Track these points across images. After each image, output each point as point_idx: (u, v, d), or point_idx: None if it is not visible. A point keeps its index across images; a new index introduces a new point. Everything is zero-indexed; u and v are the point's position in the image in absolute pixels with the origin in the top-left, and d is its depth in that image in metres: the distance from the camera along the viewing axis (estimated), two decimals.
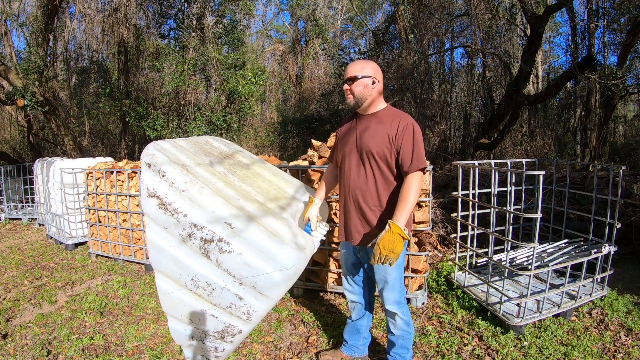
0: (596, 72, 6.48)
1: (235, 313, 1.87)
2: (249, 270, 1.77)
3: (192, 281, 1.88)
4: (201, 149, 2.27)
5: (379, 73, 2.03)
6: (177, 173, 1.83)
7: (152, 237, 1.89)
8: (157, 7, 9.89)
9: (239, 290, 1.82)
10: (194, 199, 1.78)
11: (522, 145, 10.19)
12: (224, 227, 1.76)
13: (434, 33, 8.78)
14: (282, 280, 1.78)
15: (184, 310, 1.97)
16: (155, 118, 9.11)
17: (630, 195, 4.60)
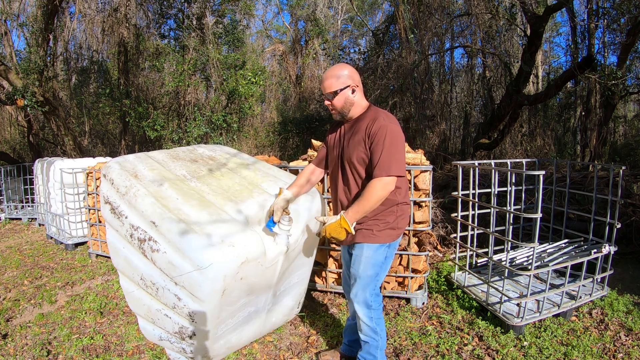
0: (596, 72, 6.48)
1: (180, 314, 1.91)
2: (174, 269, 1.81)
3: (142, 280, 2.00)
4: (174, 157, 2.35)
5: (356, 75, 1.93)
6: (122, 179, 2.01)
7: (109, 239, 2.11)
8: (157, 7, 9.89)
9: (176, 290, 1.87)
10: (131, 201, 1.92)
11: (522, 145, 10.19)
12: (151, 226, 1.85)
13: (434, 33, 8.78)
14: (204, 281, 1.74)
15: (144, 308, 2.10)
16: (155, 118, 9.11)
17: (630, 195, 4.60)
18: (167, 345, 2.16)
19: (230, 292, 1.85)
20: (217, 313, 1.90)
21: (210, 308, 1.85)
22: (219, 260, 1.74)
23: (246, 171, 2.39)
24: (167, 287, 1.89)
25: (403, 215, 1.99)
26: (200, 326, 1.91)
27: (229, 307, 1.96)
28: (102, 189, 2.08)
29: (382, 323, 2.11)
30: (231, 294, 1.87)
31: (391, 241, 1.97)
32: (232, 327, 2.15)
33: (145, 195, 1.92)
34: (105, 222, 2.10)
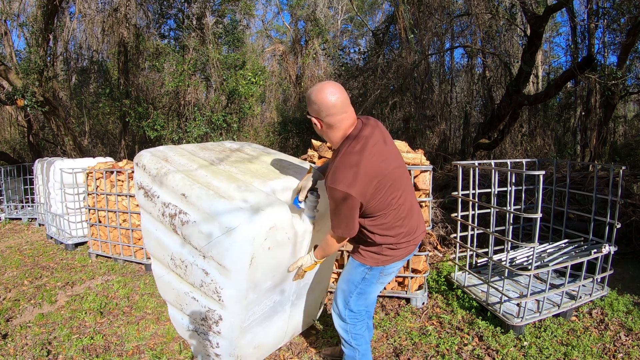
0: (596, 72, 6.48)
1: (207, 293, 1.93)
2: (204, 239, 1.84)
3: (172, 260, 2.06)
4: (203, 147, 2.43)
5: (317, 105, 1.67)
6: (152, 163, 2.09)
7: (143, 223, 2.20)
8: (157, 7, 9.89)
9: (204, 264, 1.89)
10: (162, 181, 2.00)
11: (522, 145, 10.19)
12: (181, 199, 1.92)
13: (434, 33, 8.78)
14: (232, 244, 1.74)
15: (173, 293, 2.15)
16: (155, 118, 9.10)
17: (630, 195, 4.60)
18: (195, 338, 2.17)
19: (257, 264, 1.82)
20: (245, 291, 1.88)
21: (238, 281, 1.83)
22: (247, 222, 1.74)
23: (273, 159, 2.44)
24: (195, 263, 1.93)
25: (390, 248, 1.84)
26: (228, 305, 1.90)
27: (256, 288, 1.95)
28: (135, 178, 2.18)
29: (361, 340, 2.02)
30: (258, 267, 1.84)
31: (374, 265, 1.86)
32: (259, 319, 2.14)
33: (175, 172, 2.00)
34: (140, 209, 2.20)
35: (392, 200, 1.74)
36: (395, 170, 1.76)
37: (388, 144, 1.79)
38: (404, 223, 1.81)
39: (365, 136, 1.70)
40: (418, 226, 1.91)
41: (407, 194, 1.84)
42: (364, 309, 2.02)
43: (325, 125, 1.71)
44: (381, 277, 1.92)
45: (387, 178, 1.71)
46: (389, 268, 1.89)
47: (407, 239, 1.84)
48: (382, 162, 1.70)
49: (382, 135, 1.78)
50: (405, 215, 1.82)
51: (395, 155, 1.81)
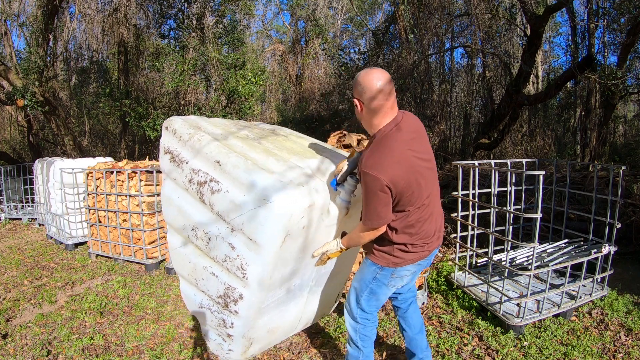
0: (596, 72, 6.48)
1: (231, 269, 1.83)
2: (236, 209, 1.74)
3: (193, 231, 1.96)
4: (235, 123, 2.37)
5: (361, 87, 1.69)
6: (184, 127, 2.02)
7: (165, 190, 2.10)
8: (157, 7, 9.89)
9: (231, 238, 1.80)
10: (194, 146, 1.92)
11: (522, 145, 10.19)
12: (215, 166, 1.83)
13: (434, 33, 8.78)
14: (268, 218, 1.66)
15: (189, 267, 2.04)
16: (155, 118, 9.10)
17: (630, 195, 4.60)
18: (207, 317, 2.06)
19: (289, 243, 1.75)
20: (272, 269, 1.79)
21: (267, 258, 1.74)
22: (287, 196, 1.66)
23: (308, 142, 2.35)
24: (220, 236, 1.83)
25: (402, 250, 1.82)
26: (252, 283, 1.81)
27: (283, 269, 1.86)
28: (162, 142, 2.10)
29: (367, 342, 2.01)
30: (289, 246, 1.77)
31: (385, 265, 1.84)
32: (276, 302, 2.05)
33: (210, 140, 1.91)
34: (163, 175, 2.11)
35: (418, 199, 1.73)
36: (427, 170, 1.75)
37: (423, 142, 1.78)
38: (423, 226, 1.79)
39: (403, 128, 1.71)
40: (435, 232, 1.87)
41: (433, 197, 1.82)
42: (375, 310, 2.00)
43: (365, 109, 1.72)
44: (392, 279, 1.89)
45: (419, 174, 1.70)
46: (401, 271, 1.86)
47: (422, 242, 1.81)
48: (415, 156, 1.70)
49: (419, 131, 1.78)
50: (426, 218, 1.79)
51: (429, 155, 1.79)
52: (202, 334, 2.24)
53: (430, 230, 1.83)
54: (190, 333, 2.95)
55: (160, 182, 4.37)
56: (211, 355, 2.65)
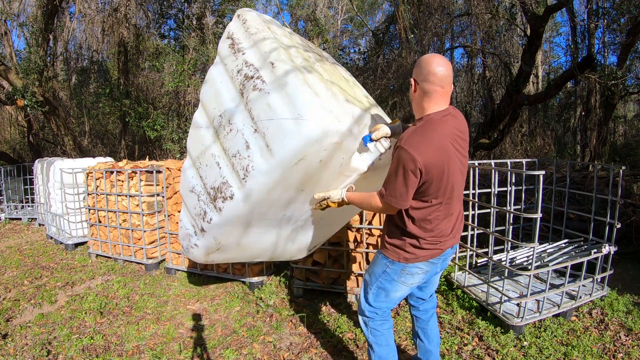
0: (596, 72, 6.48)
1: (236, 166, 1.84)
2: (267, 113, 1.74)
3: (220, 117, 1.97)
4: (307, 44, 2.41)
5: (420, 68, 1.70)
6: (255, 21, 2.04)
7: (212, 72, 2.13)
8: (157, 7, 9.89)
9: (251, 137, 1.80)
10: (257, 41, 1.94)
11: (522, 145, 10.19)
12: (267, 66, 1.82)
13: (434, 33, 8.77)
14: (294, 133, 1.65)
15: (199, 149, 2.08)
16: (155, 118, 9.10)
17: (630, 195, 4.60)
18: (192, 201, 2.07)
19: (300, 169, 1.73)
20: (271, 186, 1.78)
21: (273, 172, 1.74)
22: (322, 121, 1.65)
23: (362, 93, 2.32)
24: (242, 131, 1.83)
25: (414, 245, 1.79)
26: (248, 189, 1.80)
27: (281, 192, 1.85)
28: (229, 27, 2.12)
29: (380, 338, 1.97)
30: (298, 172, 1.75)
31: (395, 259, 1.81)
32: (260, 223, 2.04)
33: (273, 41, 1.91)
34: (217, 58, 2.14)
35: (442, 195, 1.70)
36: (459, 170, 1.74)
37: (464, 144, 1.77)
38: (440, 224, 1.77)
39: (450, 121, 1.70)
40: (451, 233, 1.83)
41: (456, 197, 1.80)
42: (385, 306, 1.95)
43: (418, 90, 1.72)
44: (402, 276, 1.84)
45: (452, 171, 1.68)
46: (412, 267, 1.82)
47: (435, 240, 1.78)
48: (456, 152, 1.69)
49: (464, 132, 1.76)
50: (445, 216, 1.77)
51: (464, 156, 1.76)
52: (179, 239, 2.28)
53: (446, 230, 1.79)
54: (190, 333, 2.95)
55: (160, 183, 4.37)
56: (211, 356, 2.65)
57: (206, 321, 3.13)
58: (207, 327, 3.04)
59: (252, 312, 3.23)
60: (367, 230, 3.15)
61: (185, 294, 3.65)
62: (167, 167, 4.02)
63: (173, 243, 4.15)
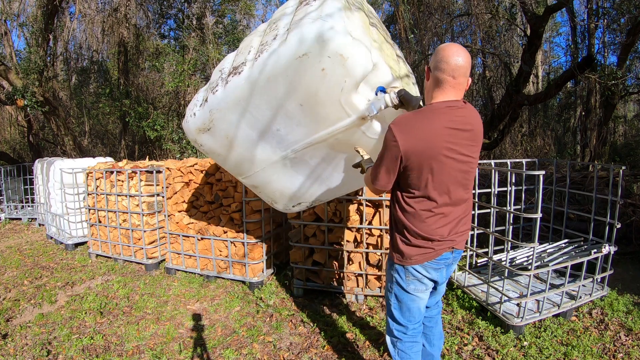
0: (596, 72, 6.47)
1: (259, 50, 1.92)
2: (301, 16, 1.81)
3: (275, 23, 2.06)
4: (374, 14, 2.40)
5: (435, 55, 1.61)
6: None
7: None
8: (157, 7, 9.91)
9: (280, 32, 1.88)
10: None
11: (522, 145, 10.19)
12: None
13: (434, 33, 8.78)
14: (309, 27, 1.70)
15: (245, 44, 2.18)
16: (155, 118, 9.11)
17: (630, 195, 4.60)
18: (215, 76, 2.19)
19: (303, 66, 1.76)
20: (272, 73, 1.83)
21: (278, 58, 1.79)
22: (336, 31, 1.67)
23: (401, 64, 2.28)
24: (278, 29, 1.94)
25: (404, 242, 1.73)
26: (254, 67, 1.88)
27: (277, 88, 1.88)
28: None
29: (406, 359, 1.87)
30: (299, 70, 1.78)
31: (396, 262, 1.76)
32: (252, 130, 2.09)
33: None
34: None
35: (424, 188, 1.62)
36: (456, 169, 1.63)
37: (470, 141, 1.65)
38: (428, 221, 1.68)
39: (450, 112, 1.60)
40: (448, 236, 1.70)
41: (455, 198, 1.68)
42: (412, 323, 1.85)
43: (431, 77, 1.64)
44: (408, 281, 1.76)
45: (441, 166, 1.59)
46: (412, 270, 1.74)
47: (426, 239, 1.68)
48: (445, 143, 1.57)
49: (472, 130, 1.65)
50: (433, 215, 1.67)
51: (467, 158, 1.65)
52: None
53: (439, 230, 1.68)
54: (190, 333, 2.95)
55: (160, 183, 4.37)
56: (211, 356, 2.65)
57: (206, 321, 3.13)
58: (207, 327, 3.04)
59: (252, 312, 3.23)
60: (367, 230, 3.15)
61: (185, 294, 3.65)
62: (167, 167, 4.02)
63: (173, 243, 4.15)
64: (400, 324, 1.86)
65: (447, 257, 1.75)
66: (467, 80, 1.65)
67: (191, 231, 3.96)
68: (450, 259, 1.78)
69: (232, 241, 3.74)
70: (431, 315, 2.05)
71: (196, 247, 3.95)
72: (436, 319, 2.07)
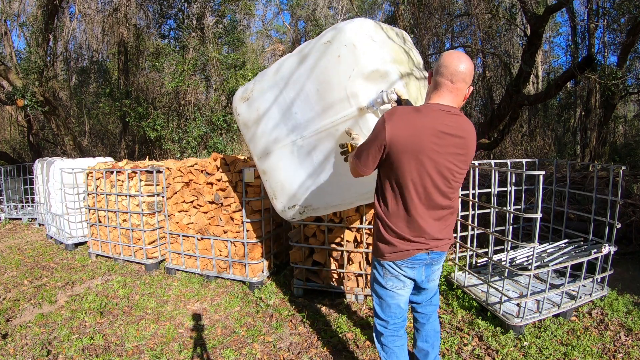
0: (596, 72, 6.47)
1: None
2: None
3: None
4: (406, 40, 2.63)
5: (439, 60, 1.66)
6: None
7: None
8: (157, 7, 9.90)
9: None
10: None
11: (522, 145, 10.19)
12: None
13: (434, 33, 8.78)
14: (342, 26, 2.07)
15: None
16: (155, 118, 9.11)
17: (630, 195, 4.60)
18: None
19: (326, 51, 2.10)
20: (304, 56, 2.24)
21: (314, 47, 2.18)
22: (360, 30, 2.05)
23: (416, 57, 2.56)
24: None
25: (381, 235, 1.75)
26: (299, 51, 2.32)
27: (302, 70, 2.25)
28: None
29: (391, 355, 1.92)
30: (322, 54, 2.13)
31: (375, 256, 1.82)
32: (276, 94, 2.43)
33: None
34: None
35: (409, 187, 1.64)
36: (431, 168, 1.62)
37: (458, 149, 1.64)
38: (403, 218, 1.69)
39: (441, 116, 1.61)
40: (423, 236, 1.71)
41: (437, 202, 1.68)
42: (393, 318, 1.90)
43: (432, 81, 1.67)
44: (386, 278, 1.81)
45: (425, 168, 1.61)
46: (387, 267, 1.78)
47: (399, 236, 1.70)
48: (430, 143, 1.59)
49: (461, 137, 1.65)
50: (407, 213, 1.68)
51: (451, 165, 1.65)
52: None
53: (413, 229, 1.69)
54: (190, 333, 2.95)
55: (160, 183, 4.37)
56: (211, 356, 2.65)
57: (206, 321, 3.13)
58: (207, 327, 3.04)
59: (252, 312, 3.23)
60: (367, 230, 3.15)
61: (185, 294, 3.65)
62: (167, 167, 4.02)
63: (173, 243, 4.16)
64: (381, 319, 1.92)
65: (421, 257, 1.76)
66: (468, 89, 1.65)
67: (191, 231, 3.96)
68: (427, 260, 1.78)
69: (232, 241, 3.74)
70: (424, 312, 2.06)
71: (196, 247, 3.96)
72: (429, 316, 2.06)
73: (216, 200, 3.77)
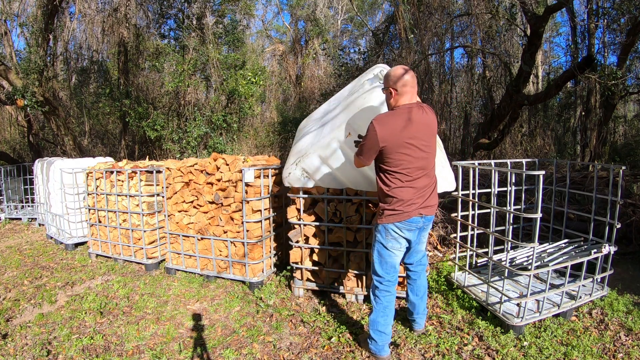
0: (596, 72, 6.47)
1: None
2: None
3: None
4: None
5: (395, 78, 2.28)
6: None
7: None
8: (157, 7, 9.89)
9: None
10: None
11: (522, 145, 10.19)
12: None
13: (434, 33, 8.77)
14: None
15: None
16: (155, 118, 9.10)
17: (630, 195, 4.60)
18: None
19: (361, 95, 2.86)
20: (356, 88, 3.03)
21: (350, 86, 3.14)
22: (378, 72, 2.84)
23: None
24: None
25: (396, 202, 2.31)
26: None
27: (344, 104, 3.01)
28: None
29: (379, 303, 2.44)
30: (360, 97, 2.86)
31: (379, 222, 2.39)
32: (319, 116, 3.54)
33: None
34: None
35: (406, 169, 2.26)
36: (420, 152, 2.26)
37: (428, 133, 2.30)
38: (400, 190, 2.30)
39: (413, 110, 2.27)
40: (418, 202, 2.31)
41: (424, 175, 2.32)
42: (387, 275, 2.43)
43: (397, 93, 2.29)
44: (387, 239, 2.38)
45: (409, 151, 2.24)
46: (390, 229, 2.34)
47: (399, 203, 2.30)
48: (410, 136, 2.23)
49: (428, 124, 2.30)
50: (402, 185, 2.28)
51: (425, 146, 2.28)
52: None
53: (408, 197, 2.29)
54: (190, 333, 2.95)
55: (160, 183, 4.37)
56: (211, 356, 2.65)
57: (206, 321, 3.13)
58: (207, 327, 3.04)
59: (252, 312, 3.23)
60: (367, 230, 3.15)
61: (185, 294, 3.65)
62: (167, 167, 4.02)
63: (173, 243, 4.15)
64: (379, 275, 2.46)
65: (417, 220, 2.35)
66: (416, 87, 2.36)
67: (191, 231, 3.96)
68: (421, 223, 2.37)
69: (232, 241, 3.74)
70: (416, 270, 2.65)
71: (196, 247, 3.95)
72: (419, 274, 2.66)
73: (216, 200, 3.77)
